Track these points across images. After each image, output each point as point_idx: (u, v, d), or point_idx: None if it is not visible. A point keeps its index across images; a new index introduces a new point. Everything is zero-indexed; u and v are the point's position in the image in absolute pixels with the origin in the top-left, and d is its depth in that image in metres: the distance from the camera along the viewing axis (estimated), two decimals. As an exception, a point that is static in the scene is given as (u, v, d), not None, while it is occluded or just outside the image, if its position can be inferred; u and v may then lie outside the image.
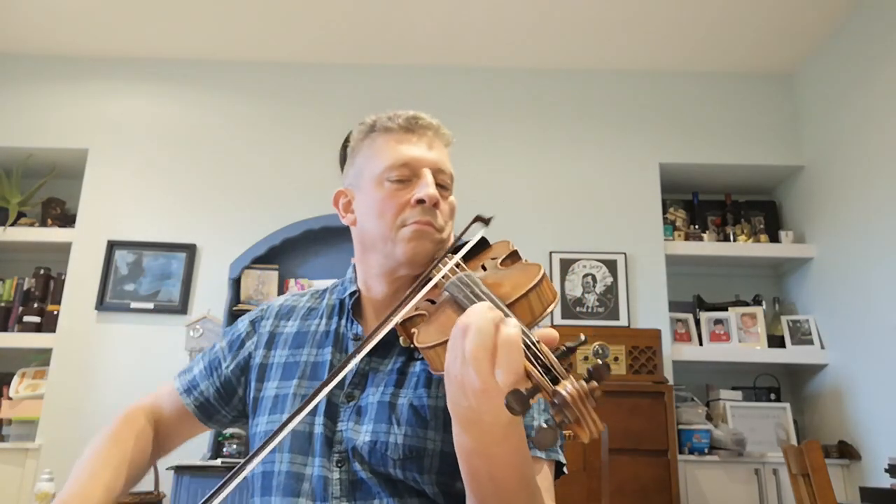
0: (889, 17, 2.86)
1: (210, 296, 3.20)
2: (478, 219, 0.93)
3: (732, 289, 3.50)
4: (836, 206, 3.16)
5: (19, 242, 3.32)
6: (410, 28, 3.33)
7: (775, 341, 3.24)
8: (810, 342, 3.19)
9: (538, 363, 0.63)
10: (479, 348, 0.63)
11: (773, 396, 3.28)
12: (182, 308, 3.19)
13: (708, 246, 3.39)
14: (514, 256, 0.93)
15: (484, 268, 0.91)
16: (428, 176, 0.96)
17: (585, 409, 0.57)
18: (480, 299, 0.74)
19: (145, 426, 1.04)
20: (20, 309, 3.26)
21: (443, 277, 0.87)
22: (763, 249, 3.37)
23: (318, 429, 0.92)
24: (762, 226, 3.49)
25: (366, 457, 0.88)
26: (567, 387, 0.58)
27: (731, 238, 3.44)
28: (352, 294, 1.04)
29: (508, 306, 0.72)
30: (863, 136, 2.98)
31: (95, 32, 3.39)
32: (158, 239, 3.30)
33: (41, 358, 3.17)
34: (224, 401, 1.07)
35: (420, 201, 0.94)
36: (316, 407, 0.92)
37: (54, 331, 3.16)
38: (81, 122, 3.47)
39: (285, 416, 0.94)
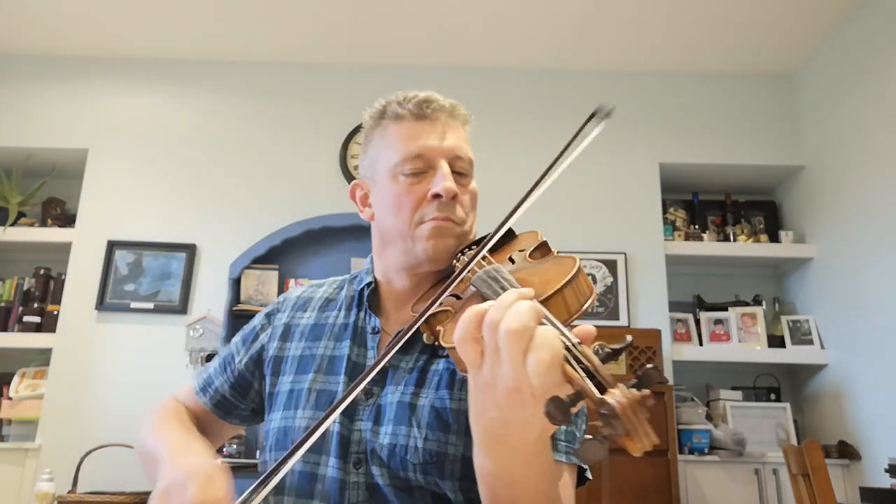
0: (889, 18, 2.85)
1: (210, 296, 3.20)
2: (595, 114, 0.79)
3: (732, 289, 3.50)
4: (835, 206, 3.16)
5: (19, 242, 3.32)
6: (410, 28, 3.33)
7: (775, 341, 3.24)
8: (810, 342, 3.19)
9: (580, 366, 0.56)
10: (514, 338, 0.56)
11: (773, 396, 3.28)
12: (182, 308, 3.19)
13: (708, 246, 3.39)
14: (543, 248, 0.87)
15: (512, 260, 0.85)
16: (444, 167, 0.90)
17: (638, 421, 0.51)
18: None
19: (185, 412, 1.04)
20: (20, 309, 3.26)
21: (469, 272, 0.80)
22: (763, 249, 3.37)
23: (335, 426, 0.87)
24: (762, 226, 3.49)
25: (385, 460, 0.84)
26: (616, 395, 0.51)
27: (731, 238, 3.44)
28: (368, 285, 0.99)
29: (542, 303, 0.64)
30: (863, 136, 2.98)
31: (95, 32, 3.39)
32: (158, 239, 3.30)
33: (41, 358, 3.17)
34: (240, 395, 1.04)
35: (437, 196, 0.89)
36: (332, 403, 0.87)
37: (54, 331, 3.16)
38: (81, 122, 3.47)
39: (299, 412, 0.91)
